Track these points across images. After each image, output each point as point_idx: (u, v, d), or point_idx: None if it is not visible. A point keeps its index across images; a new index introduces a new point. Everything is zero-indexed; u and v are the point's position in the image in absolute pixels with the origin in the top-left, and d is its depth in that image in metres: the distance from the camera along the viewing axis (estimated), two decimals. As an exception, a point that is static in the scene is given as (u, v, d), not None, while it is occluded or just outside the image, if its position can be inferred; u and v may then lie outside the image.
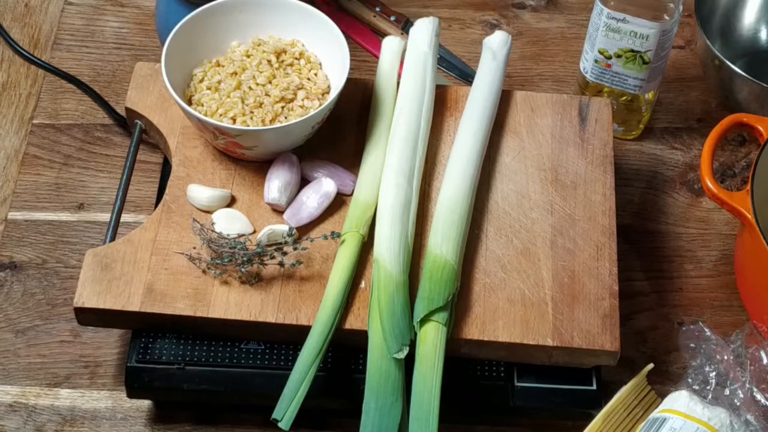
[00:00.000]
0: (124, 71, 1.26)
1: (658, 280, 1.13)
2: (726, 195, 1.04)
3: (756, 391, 0.98)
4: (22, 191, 1.18)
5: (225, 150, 1.06)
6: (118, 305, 0.98)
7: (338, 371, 0.99)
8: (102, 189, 1.18)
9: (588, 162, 1.09)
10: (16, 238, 1.14)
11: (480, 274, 1.01)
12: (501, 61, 1.12)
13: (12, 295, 1.10)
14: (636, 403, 1.02)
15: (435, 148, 1.10)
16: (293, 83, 1.07)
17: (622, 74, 1.16)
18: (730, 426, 0.96)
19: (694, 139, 1.24)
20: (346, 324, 0.98)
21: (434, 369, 0.93)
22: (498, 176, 1.08)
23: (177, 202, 1.04)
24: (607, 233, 1.04)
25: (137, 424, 1.03)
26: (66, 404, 1.04)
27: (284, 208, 1.04)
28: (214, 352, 0.99)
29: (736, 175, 1.21)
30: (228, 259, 0.99)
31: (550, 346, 0.98)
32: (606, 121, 1.12)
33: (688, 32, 1.32)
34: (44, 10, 1.33)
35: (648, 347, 1.08)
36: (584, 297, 1.00)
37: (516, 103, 1.13)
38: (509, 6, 1.35)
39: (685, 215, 1.18)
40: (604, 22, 1.13)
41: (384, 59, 1.13)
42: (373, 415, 0.92)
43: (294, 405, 0.92)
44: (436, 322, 0.95)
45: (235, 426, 1.03)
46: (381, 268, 0.98)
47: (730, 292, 1.12)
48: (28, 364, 1.06)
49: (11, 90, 1.25)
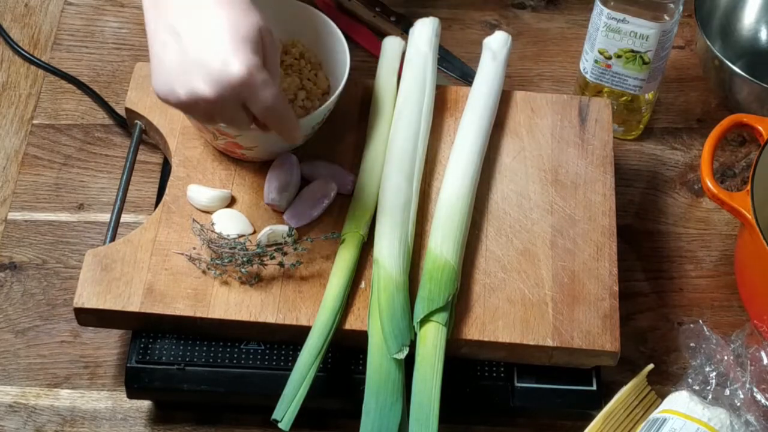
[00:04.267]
0: (124, 71, 1.26)
1: (658, 280, 1.13)
2: (726, 195, 1.04)
3: (756, 391, 0.98)
4: (21, 191, 1.18)
5: (225, 150, 1.06)
6: (118, 306, 0.98)
7: (338, 371, 0.99)
8: (102, 189, 1.18)
9: (588, 162, 1.09)
10: (16, 238, 1.14)
11: (480, 274, 1.01)
12: (501, 61, 1.12)
13: (12, 296, 1.10)
14: (636, 404, 1.02)
15: (435, 148, 1.10)
16: (293, 84, 1.07)
17: (622, 74, 1.16)
18: (730, 426, 0.96)
19: (694, 140, 1.24)
20: (346, 324, 0.98)
21: (434, 369, 0.93)
22: (498, 176, 1.08)
23: (177, 202, 1.04)
24: (607, 233, 1.04)
25: (137, 424, 1.03)
26: (66, 405, 1.04)
27: (284, 209, 1.04)
28: (214, 352, 0.99)
29: (736, 175, 1.21)
30: (228, 259, 0.99)
31: (550, 347, 0.98)
32: (606, 122, 1.12)
33: (688, 32, 1.32)
34: (44, 10, 1.33)
35: (648, 347, 1.08)
36: (584, 297, 1.00)
37: (516, 103, 1.13)
38: (509, 6, 1.35)
39: (685, 215, 1.18)
40: (604, 22, 1.13)
41: (384, 59, 1.13)
42: (373, 416, 0.92)
43: (294, 405, 0.92)
44: (436, 322, 0.95)
45: (235, 426, 1.03)
46: (381, 268, 0.98)
47: (730, 292, 1.12)
48: (28, 364, 1.06)
49: (11, 90, 1.25)
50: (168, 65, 0.86)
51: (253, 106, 0.87)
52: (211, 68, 0.84)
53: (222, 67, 0.84)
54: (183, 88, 0.85)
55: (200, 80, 0.84)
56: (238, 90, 0.85)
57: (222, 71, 0.84)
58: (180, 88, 0.86)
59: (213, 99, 0.85)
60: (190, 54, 0.85)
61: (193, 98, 0.85)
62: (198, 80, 0.84)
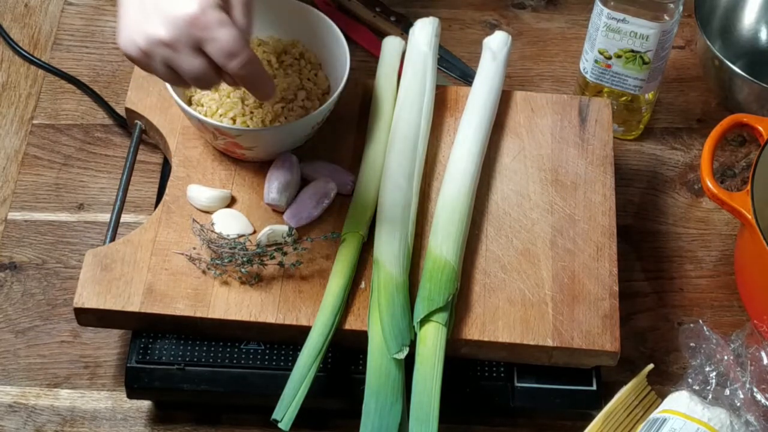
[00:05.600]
0: (124, 71, 1.26)
1: (658, 280, 1.13)
2: (726, 195, 1.04)
3: (756, 391, 0.98)
4: (21, 191, 1.18)
5: (225, 150, 1.06)
6: (118, 306, 0.98)
7: (338, 371, 0.99)
8: (102, 189, 1.18)
9: (588, 162, 1.09)
10: (16, 238, 1.14)
11: (480, 274, 1.01)
12: (501, 61, 1.12)
13: (12, 296, 1.10)
14: (636, 404, 1.02)
15: (435, 148, 1.10)
16: (293, 84, 1.07)
17: (622, 74, 1.16)
18: (730, 426, 0.96)
19: (694, 140, 1.24)
20: (346, 324, 0.98)
21: (434, 369, 0.93)
22: (498, 176, 1.08)
23: (177, 202, 1.04)
24: (607, 233, 1.04)
25: (137, 424, 1.03)
26: (66, 405, 1.04)
27: (284, 209, 1.04)
28: (214, 352, 0.99)
29: (736, 175, 1.21)
30: (228, 259, 0.99)
31: (550, 347, 0.98)
32: (606, 122, 1.12)
33: (688, 32, 1.32)
34: (44, 10, 1.33)
35: (648, 347, 1.08)
36: (584, 297, 1.00)
37: (516, 103, 1.13)
38: (509, 6, 1.35)
39: (685, 215, 1.18)
40: (604, 22, 1.13)
41: (384, 59, 1.13)
42: (373, 416, 0.92)
43: (294, 405, 0.92)
44: (436, 322, 0.95)
45: (235, 426, 1.03)
46: (381, 268, 0.98)
47: (730, 292, 1.12)
48: (28, 364, 1.06)
49: (11, 90, 1.25)
50: (131, 17, 0.87)
51: (209, 46, 0.86)
52: (165, 10, 0.85)
53: (174, 7, 0.85)
54: (141, 35, 0.86)
55: (156, 23, 0.85)
56: (191, 29, 0.85)
57: (174, 10, 0.85)
58: (138, 36, 0.87)
59: (168, 40, 0.85)
60: (149, 3, 0.86)
61: (150, 43, 0.86)
62: (154, 23, 0.85)
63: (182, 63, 0.87)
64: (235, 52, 0.86)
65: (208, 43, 0.85)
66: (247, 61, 0.87)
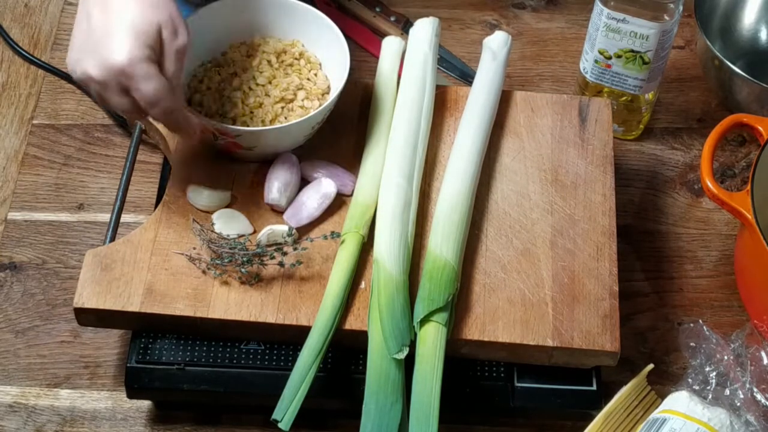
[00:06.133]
0: (124, 71, 1.26)
1: (658, 280, 1.13)
2: (726, 195, 1.04)
3: (756, 391, 0.98)
4: (21, 191, 1.18)
5: (225, 150, 1.06)
6: (118, 306, 0.98)
7: (338, 371, 0.99)
8: (102, 189, 1.18)
9: (588, 162, 1.09)
10: (16, 238, 1.14)
11: (480, 274, 1.01)
12: (501, 61, 1.12)
13: (12, 296, 1.10)
14: (636, 404, 1.02)
15: (435, 148, 1.10)
16: (293, 83, 1.07)
17: (622, 74, 1.16)
18: (730, 426, 0.96)
19: (694, 140, 1.24)
20: (346, 324, 0.98)
21: (434, 369, 0.93)
22: (498, 176, 1.08)
23: (177, 202, 1.04)
24: (607, 233, 1.04)
25: (137, 424, 1.03)
26: (66, 405, 1.04)
27: (284, 209, 1.04)
28: (214, 352, 0.99)
29: (736, 175, 1.21)
30: (228, 259, 0.99)
31: (550, 347, 0.98)
32: (606, 122, 1.12)
33: (688, 32, 1.32)
34: (44, 10, 1.33)
35: (648, 347, 1.08)
36: (584, 297, 1.00)
37: (516, 103, 1.13)
38: (509, 6, 1.35)
39: (685, 215, 1.18)
40: (604, 22, 1.13)
41: (384, 59, 1.13)
42: (373, 416, 0.92)
43: (294, 405, 0.92)
44: (436, 322, 0.95)
45: (235, 426, 1.03)
46: (381, 268, 0.98)
47: (730, 292, 1.12)
48: (28, 364, 1.06)
49: (11, 90, 1.26)
50: (77, 42, 0.95)
51: (135, 93, 0.93)
52: (101, 53, 0.92)
53: (108, 54, 0.92)
54: (79, 67, 0.94)
55: (92, 62, 0.93)
56: (119, 76, 0.92)
57: (107, 57, 0.92)
58: (77, 66, 0.94)
59: (98, 80, 0.93)
60: (92, 37, 0.93)
61: (85, 77, 0.94)
62: (90, 62, 0.93)
63: (110, 99, 0.95)
64: (155, 102, 0.93)
65: (134, 91, 0.93)
66: (166, 110, 0.95)
